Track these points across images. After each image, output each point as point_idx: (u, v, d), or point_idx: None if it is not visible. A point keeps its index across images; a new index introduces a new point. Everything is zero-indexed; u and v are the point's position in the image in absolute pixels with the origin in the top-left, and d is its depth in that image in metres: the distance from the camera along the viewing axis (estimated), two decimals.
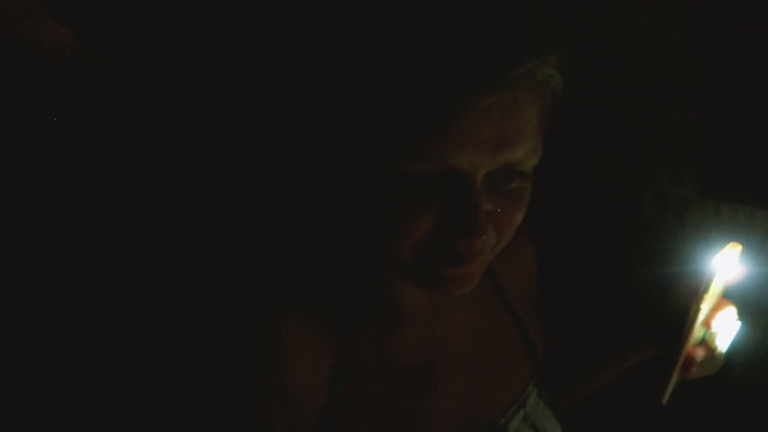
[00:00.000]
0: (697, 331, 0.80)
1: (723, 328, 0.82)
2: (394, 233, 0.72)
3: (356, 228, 0.79)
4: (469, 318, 0.92)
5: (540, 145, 0.73)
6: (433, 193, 0.70)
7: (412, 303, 0.86)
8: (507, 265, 0.97)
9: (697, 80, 1.20)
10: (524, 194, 0.75)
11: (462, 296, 0.87)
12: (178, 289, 0.98)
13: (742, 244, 0.81)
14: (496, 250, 0.77)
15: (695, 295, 0.80)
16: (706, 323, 0.81)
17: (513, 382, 0.94)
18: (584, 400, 1.03)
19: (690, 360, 0.81)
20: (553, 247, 1.08)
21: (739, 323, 0.83)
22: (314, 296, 0.82)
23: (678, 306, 0.85)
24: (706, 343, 0.82)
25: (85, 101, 0.97)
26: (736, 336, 0.83)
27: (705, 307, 0.79)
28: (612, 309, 1.08)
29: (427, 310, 0.87)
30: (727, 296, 0.84)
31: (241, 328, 0.78)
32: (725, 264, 0.79)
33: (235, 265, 0.95)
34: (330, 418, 0.80)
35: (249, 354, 0.76)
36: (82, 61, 0.97)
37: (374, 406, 0.82)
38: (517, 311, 0.97)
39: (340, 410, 0.80)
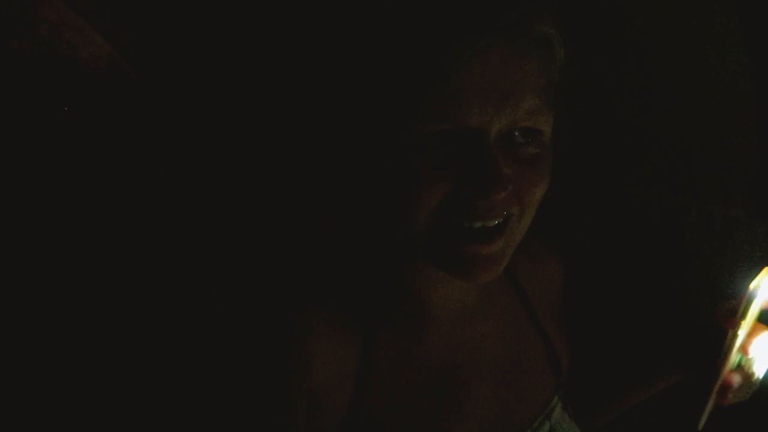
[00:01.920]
0: (734, 357, 0.79)
1: (760, 354, 0.79)
2: (413, 199, 0.72)
3: (377, 208, 0.79)
4: (495, 327, 0.92)
5: (548, 108, 0.74)
6: (449, 157, 0.71)
7: (439, 307, 0.86)
8: (533, 278, 0.98)
9: (752, 94, 1.17)
10: (542, 162, 0.75)
11: (487, 304, 0.90)
12: (206, 290, 1.00)
13: None
14: (521, 228, 0.77)
15: (732, 319, 0.79)
16: (743, 348, 0.79)
17: (537, 393, 0.94)
18: (614, 421, 1.01)
19: (727, 385, 0.79)
20: (587, 262, 1.07)
21: None
22: (340, 298, 0.82)
23: (712, 331, 0.84)
24: (742, 368, 0.80)
25: (119, 108, 1.00)
26: None
27: (742, 332, 0.78)
28: (644, 330, 1.06)
29: (452, 316, 0.88)
30: (763, 321, 0.81)
31: (266, 328, 0.79)
32: (764, 288, 0.78)
33: (261, 265, 0.96)
34: (353, 420, 0.81)
35: (274, 355, 0.77)
36: (117, 71, 1.00)
37: (397, 410, 0.83)
38: (543, 323, 0.97)
39: (363, 412, 0.81)
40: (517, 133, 0.73)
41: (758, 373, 0.80)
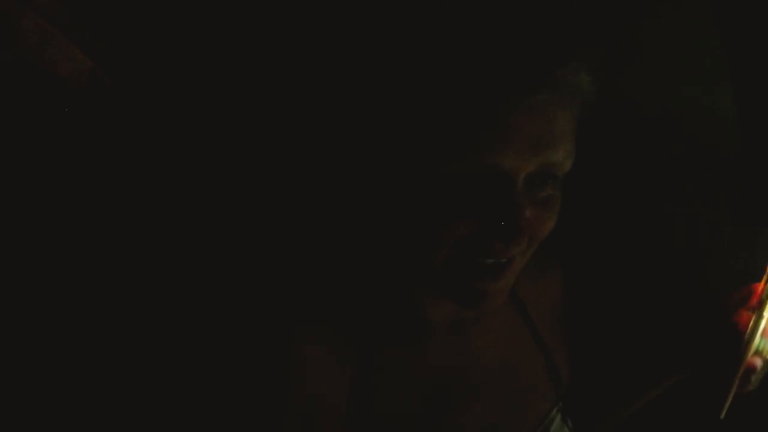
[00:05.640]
0: (757, 340, 0.82)
1: None
2: (434, 236, 0.74)
3: (392, 235, 0.80)
4: (493, 339, 0.93)
5: (574, 149, 0.76)
6: (475, 195, 0.72)
7: (436, 323, 0.88)
8: (532, 287, 0.99)
9: (733, 99, 1.21)
10: (557, 202, 0.78)
11: (486, 317, 0.92)
12: (198, 303, 0.99)
13: None
14: (524, 259, 0.79)
15: (753, 302, 0.82)
16: (764, 332, 0.82)
17: (536, 405, 0.95)
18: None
19: (751, 369, 0.81)
20: (581, 271, 1.09)
21: None
22: (335, 313, 0.83)
23: (723, 322, 0.86)
24: (760, 352, 0.83)
25: (101, 123, 0.99)
26: None
27: (765, 315, 0.81)
28: (642, 335, 1.08)
29: (450, 330, 0.89)
30: None
31: (259, 344, 0.79)
32: None
33: (256, 279, 0.96)
34: None
35: (268, 371, 0.78)
36: (100, 86, 0.99)
37: (395, 425, 0.83)
38: (542, 334, 0.99)
39: (360, 427, 0.81)
40: (539, 176, 0.74)
41: None
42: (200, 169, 1.02)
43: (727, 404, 0.82)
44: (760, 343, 0.82)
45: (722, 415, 0.82)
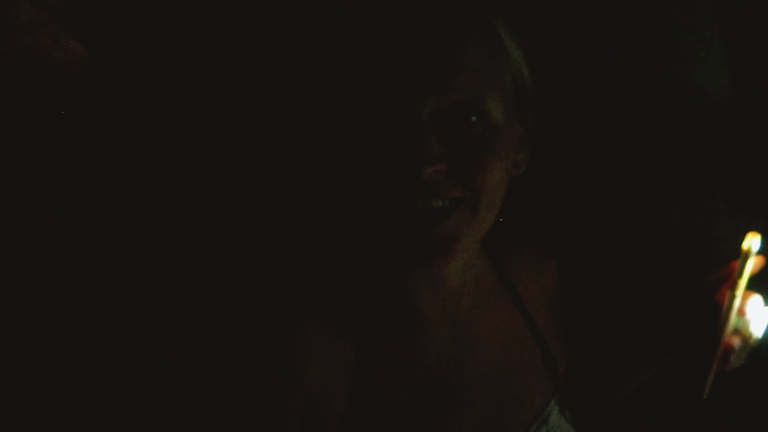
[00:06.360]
0: (733, 319, 0.81)
1: (756, 315, 0.82)
2: (357, 182, 0.75)
3: (343, 206, 0.82)
4: (490, 331, 0.93)
5: (493, 91, 0.76)
6: (385, 136, 0.73)
7: (432, 313, 0.88)
8: (529, 282, 0.99)
9: (730, 92, 1.21)
10: (491, 145, 0.76)
11: (483, 309, 0.92)
12: (197, 296, 1.00)
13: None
14: (480, 216, 0.78)
15: (730, 282, 0.81)
16: (740, 311, 0.81)
17: (534, 398, 0.95)
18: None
19: (729, 348, 0.81)
20: (575, 259, 1.09)
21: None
22: (334, 305, 0.84)
23: (705, 304, 0.86)
24: (739, 331, 0.83)
25: (96, 112, 1.00)
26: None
27: (739, 294, 0.80)
28: (635, 321, 1.08)
29: (447, 321, 0.89)
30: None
31: (258, 335, 0.80)
32: (755, 250, 0.80)
33: (253, 271, 0.96)
34: (349, 427, 0.81)
35: (266, 363, 0.78)
36: (94, 74, 1.00)
37: (393, 417, 0.83)
38: (538, 325, 0.98)
39: (358, 420, 0.81)
40: (459, 113, 0.74)
41: (756, 333, 0.83)
42: (198, 160, 1.02)
43: (709, 384, 0.82)
44: (737, 322, 0.82)
45: (705, 395, 0.82)
